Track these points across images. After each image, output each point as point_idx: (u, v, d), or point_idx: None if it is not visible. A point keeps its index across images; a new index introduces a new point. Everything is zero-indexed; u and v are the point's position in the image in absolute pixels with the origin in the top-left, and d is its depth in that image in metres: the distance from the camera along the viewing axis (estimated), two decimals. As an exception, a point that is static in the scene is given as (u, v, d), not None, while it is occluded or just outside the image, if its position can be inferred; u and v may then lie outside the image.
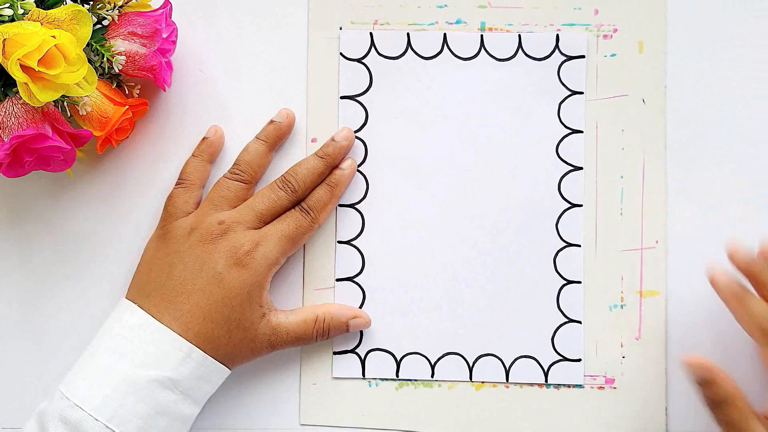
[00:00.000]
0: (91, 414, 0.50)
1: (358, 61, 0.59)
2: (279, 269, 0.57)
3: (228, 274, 0.54)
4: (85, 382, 0.51)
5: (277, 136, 0.58)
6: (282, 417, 0.58)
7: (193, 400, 0.53)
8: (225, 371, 0.54)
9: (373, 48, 0.59)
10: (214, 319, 0.53)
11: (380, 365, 0.58)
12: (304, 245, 0.58)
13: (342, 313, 0.57)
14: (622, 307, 0.58)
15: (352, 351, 0.58)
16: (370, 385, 0.58)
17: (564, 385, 0.58)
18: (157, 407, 0.51)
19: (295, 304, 0.58)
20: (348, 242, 0.59)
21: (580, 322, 0.58)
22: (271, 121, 0.58)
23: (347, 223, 0.59)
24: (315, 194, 0.57)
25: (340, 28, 0.59)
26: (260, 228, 0.55)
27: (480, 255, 0.58)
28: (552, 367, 0.58)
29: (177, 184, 0.57)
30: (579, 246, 0.58)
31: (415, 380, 0.58)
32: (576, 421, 0.58)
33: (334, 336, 0.57)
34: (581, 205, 0.58)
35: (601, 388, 0.58)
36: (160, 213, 0.57)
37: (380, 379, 0.58)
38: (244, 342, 0.54)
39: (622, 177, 0.58)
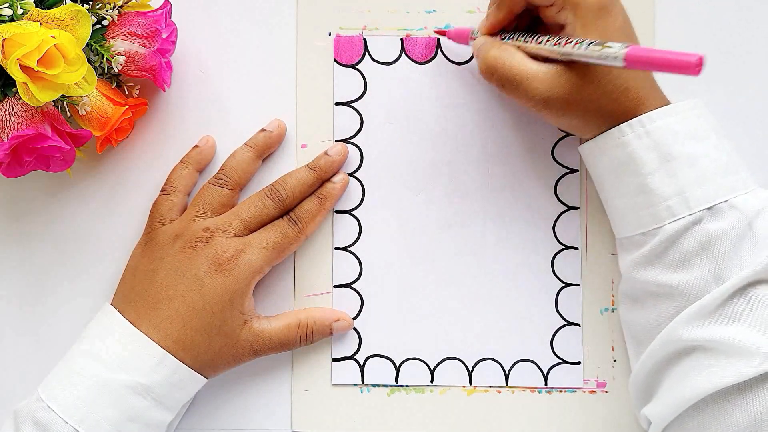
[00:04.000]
0: (62, 416, 0.50)
1: (353, 67, 0.59)
2: (269, 276, 0.57)
3: (210, 280, 0.53)
4: (59, 384, 0.51)
5: (266, 145, 0.58)
6: (274, 423, 0.58)
7: (165, 407, 0.53)
8: (200, 379, 0.54)
9: (366, 53, 0.59)
10: (194, 325, 0.53)
11: (379, 371, 0.58)
12: (295, 252, 0.58)
13: (325, 316, 0.57)
14: (613, 311, 0.58)
15: (351, 357, 0.58)
16: (362, 392, 0.58)
17: (562, 388, 0.58)
18: (129, 413, 0.51)
19: (286, 311, 0.58)
20: (345, 248, 0.59)
21: (578, 325, 0.58)
22: (262, 130, 0.58)
23: (344, 229, 0.59)
24: (304, 205, 0.57)
25: (329, 34, 0.59)
26: (245, 236, 0.55)
27: (478, 259, 0.58)
28: (551, 371, 0.58)
29: (162, 190, 0.57)
30: (576, 249, 0.58)
31: (407, 386, 0.58)
32: (568, 426, 0.57)
33: (318, 340, 0.57)
34: (578, 208, 0.58)
35: (593, 392, 0.58)
36: (158, 214, 0.57)
37: (372, 385, 0.58)
38: (226, 349, 0.54)
39: (612, 180, 0.58)
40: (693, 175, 0.49)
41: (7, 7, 0.49)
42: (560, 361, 0.58)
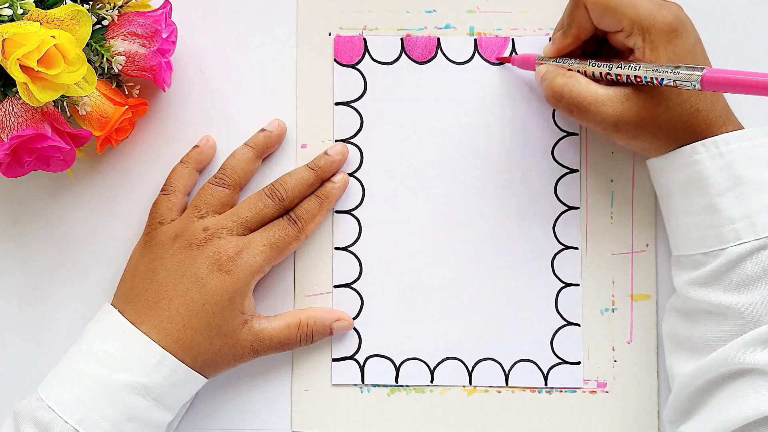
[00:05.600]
0: (61, 416, 0.50)
1: (353, 66, 0.59)
2: (269, 276, 0.57)
3: (210, 279, 0.53)
4: (59, 384, 0.51)
5: (265, 145, 0.58)
6: (274, 423, 0.58)
7: (165, 406, 0.53)
8: (200, 379, 0.54)
9: (366, 53, 0.59)
10: (193, 325, 0.53)
11: (379, 371, 0.58)
12: (295, 252, 0.58)
13: (325, 316, 0.57)
14: (613, 311, 0.58)
15: (351, 357, 0.58)
16: (362, 392, 0.58)
17: (562, 388, 0.58)
18: (128, 412, 0.51)
19: (286, 311, 0.58)
20: (345, 248, 0.59)
21: (578, 325, 0.58)
22: (262, 130, 0.58)
23: (344, 229, 0.59)
24: (304, 205, 0.57)
25: (329, 34, 0.59)
26: (245, 235, 0.55)
27: (478, 259, 0.58)
28: (551, 371, 0.58)
29: (162, 190, 0.57)
30: (576, 249, 0.58)
31: (407, 386, 0.58)
32: (568, 426, 0.57)
33: (318, 340, 0.57)
34: (578, 208, 0.58)
35: (593, 392, 0.58)
36: (158, 214, 0.57)
37: (372, 385, 0.58)
38: (226, 348, 0.54)
39: (612, 181, 0.58)
40: (763, 201, 0.49)
41: (7, 7, 0.49)
42: (560, 361, 0.58)
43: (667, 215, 0.54)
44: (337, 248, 0.59)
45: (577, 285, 0.58)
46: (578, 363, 0.58)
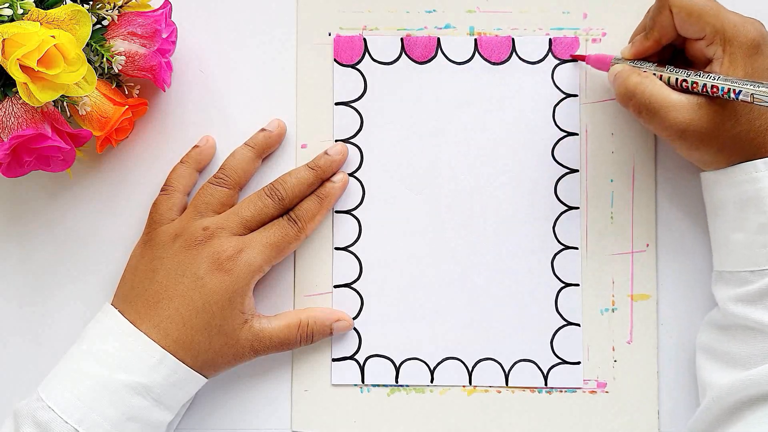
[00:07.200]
0: (61, 416, 0.50)
1: (353, 66, 0.59)
2: (269, 276, 0.57)
3: (209, 279, 0.53)
4: (59, 384, 0.51)
5: (265, 144, 0.58)
6: (274, 423, 0.58)
7: (165, 406, 0.53)
8: (200, 379, 0.54)
9: (366, 53, 0.59)
10: (193, 325, 0.53)
11: (379, 371, 0.58)
12: (295, 252, 0.58)
13: (325, 316, 0.57)
14: (613, 311, 0.58)
15: (351, 357, 0.58)
16: (362, 392, 0.58)
17: (562, 388, 0.58)
18: (128, 412, 0.51)
19: (286, 310, 0.58)
20: (345, 248, 0.59)
21: (578, 325, 0.58)
22: (262, 130, 0.58)
23: (344, 229, 0.59)
24: (303, 205, 0.57)
25: (329, 34, 0.59)
26: (245, 235, 0.55)
27: (478, 259, 0.58)
28: (551, 371, 0.58)
29: (162, 190, 0.57)
30: (576, 249, 0.58)
31: (407, 386, 0.58)
32: (569, 426, 0.57)
33: (318, 340, 0.57)
34: (578, 208, 0.58)
35: (593, 392, 0.58)
36: (158, 214, 0.57)
37: (372, 385, 0.58)
38: (226, 348, 0.54)
39: (612, 181, 0.58)
40: None
41: (7, 7, 0.49)
42: (560, 361, 0.58)
43: (714, 230, 0.54)
44: (337, 248, 0.59)
45: (577, 285, 0.58)
46: (578, 363, 0.58)
